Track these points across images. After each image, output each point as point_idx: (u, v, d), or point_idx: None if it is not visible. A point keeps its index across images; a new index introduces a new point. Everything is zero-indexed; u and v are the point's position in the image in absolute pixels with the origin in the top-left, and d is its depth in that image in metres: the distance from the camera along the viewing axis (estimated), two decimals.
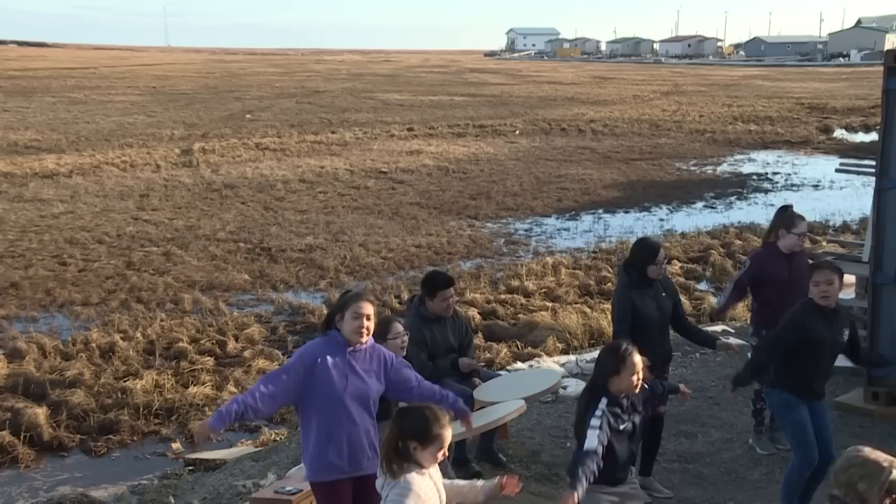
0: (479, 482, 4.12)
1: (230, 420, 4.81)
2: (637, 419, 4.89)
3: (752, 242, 17.84)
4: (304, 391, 4.79)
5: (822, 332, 5.75)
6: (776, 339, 5.96)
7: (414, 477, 3.66)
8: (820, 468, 5.89)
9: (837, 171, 14.64)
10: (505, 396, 6.60)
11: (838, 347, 5.88)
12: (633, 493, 4.93)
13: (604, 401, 4.80)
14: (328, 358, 4.80)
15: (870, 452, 4.46)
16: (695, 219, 21.98)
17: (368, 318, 4.85)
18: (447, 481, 4.07)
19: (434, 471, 3.84)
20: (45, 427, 10.06)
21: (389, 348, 5.69)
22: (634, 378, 4.77)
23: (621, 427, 4.78)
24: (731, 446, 7.51)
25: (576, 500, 4.52)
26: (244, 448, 9.59)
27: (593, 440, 4.70)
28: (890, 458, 4.42)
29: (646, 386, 4.98)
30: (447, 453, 3.86)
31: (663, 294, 6.55)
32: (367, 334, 4.86)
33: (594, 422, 4.74)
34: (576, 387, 9.09)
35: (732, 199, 24.48)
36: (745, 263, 7.55)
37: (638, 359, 4.80)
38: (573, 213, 22.64)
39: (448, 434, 3.78)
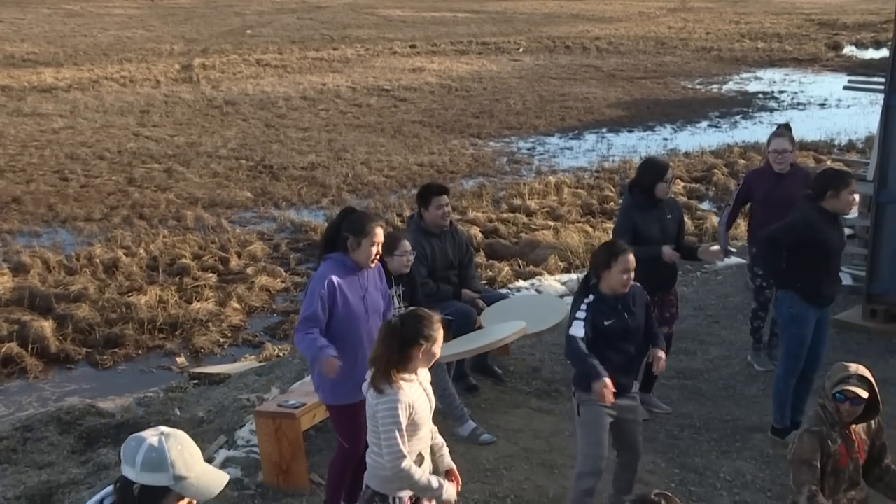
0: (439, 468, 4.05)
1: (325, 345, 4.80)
2: (631, 321, 4.87)
3: (756, 161, 17.75)
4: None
5: (827, 231, 5.77)
6: (784, 229, 5.86)
7: (401, 386, 3.71)
8: (805, 377, 5.99)
9: (845, 88, 14.46)
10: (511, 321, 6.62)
11: (842, 249, 5.95)
12: (631, 407, 4.95)
13: (591, 296, 4.84)
14: (344, 282, 4.82)
15: (849, 364, 4.54)
16: (699, 138, 21.81)
17: (381, 244, 4.91)
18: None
19: (423, 376, 3.89)
20: (52, 340, 10.19)
21: (395, 264, 5.71)
22: (625, 276, 4.76)
23: (606, 323, 4.80)
24: (729, 363, 7.60)
25: (607, 384, 4.59)
26: (248, 363, 9.71)
27: (578, 328, 4.80)
28: (862, 368, 4.48)
29: (638, 285, 4.94)
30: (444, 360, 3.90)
31: (668, 216, 6.51)
32: (378, 258, 4.95)
33: (579, 314, 4.83)
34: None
35: (737, 118, 24.24)
36: (740, 181, 7.73)
37: (631, 259, 4.78)
38: (576, 131, 22.46)
39: (440, 336, 3.81)
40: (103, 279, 12.13)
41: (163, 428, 2.65)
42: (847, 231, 8.52)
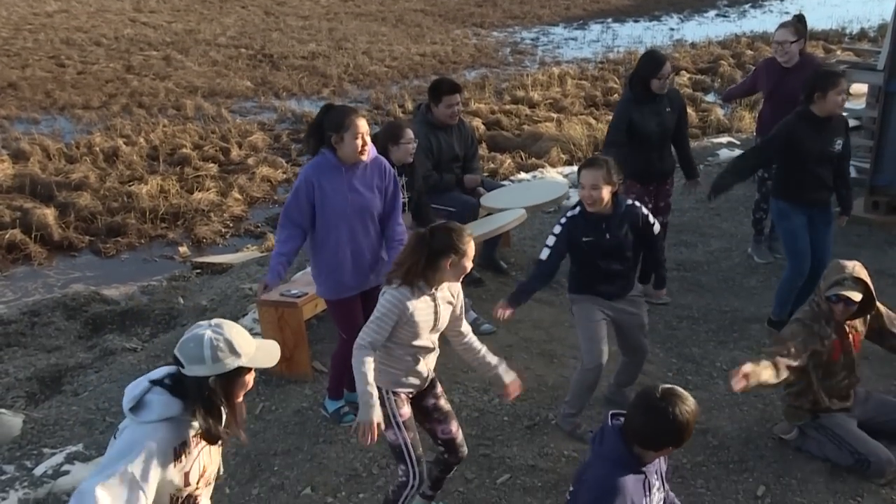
0: (495, 363, 4.07)
1: (283, 273, 4.91)
2: (611, 241, 4.77)
3: (764, 52, 17.46)
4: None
5: (808, 141, 5.70)
6: (763, 145, 6.00)
7: (407, 290, 3.70)
8: (812, 279, 6.01)
9: None
10: (511, 204, 6.64)
11: (827, 156, 5.81)
12: (630, 310, 4.95)
13: (576, 209, 4.82)
14: (326, 181, 4.76)
15: (846, 261, 4.56)
16: (706, 28, 21.42)
17: (367, 135, 4.78)
18: (476, 343, 4.07)
19: (442, 296, 3.85)
20: (55, 227, 10.23)
21: (399, 153, 5.65)
22: (584, 193, 4.70)
23: (583, 239, 4.80)
24: (729, 255, 7.63)
25: (507, 312, 4.76)
26: (250, 253, 9.76)
27: (544, 252, 4.85)
28: (858, 268, 4.49)
29: (637, 207, 4.84)
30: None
31: (667, 109, 6.42)
32: (368, 150, 4.80)
33: (556, 229, 4.86)
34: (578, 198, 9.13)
35: (746, 6, 23.78)
36: (749, 72, 7.61)
37: (589, 176, 4.67)
38: (581, 21, 22.04)
39: (471, 251, 3.78)
40: (104, 168, 12.09)
41: (203, 322, 2.77)
42: (853, 122, 8.42)
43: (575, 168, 10.79)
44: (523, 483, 4.58)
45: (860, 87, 9.73)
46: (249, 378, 2.86)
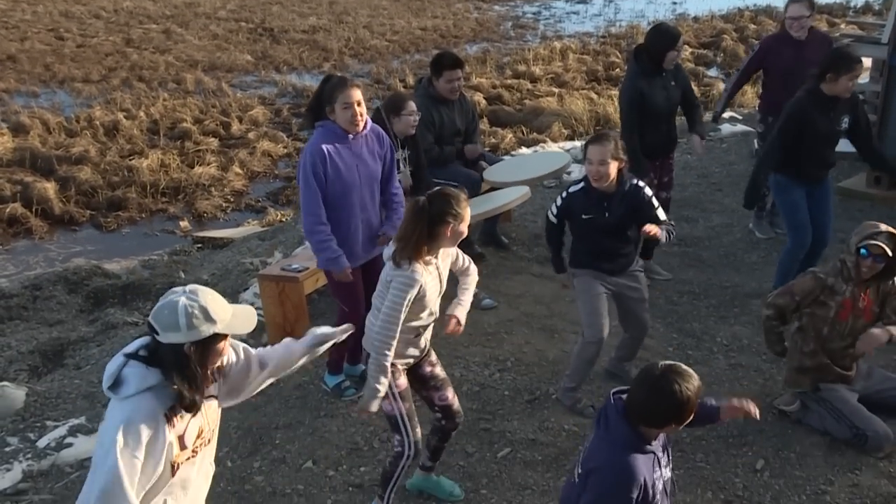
0: (459, 299, 4.06)
1: (339, 255, 4.77)
2: (610, 219, 4.75)
3: (767, 27, 17.37)
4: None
5: (820, 121, 5.68)
6: (782, 134, 5.86)
7: (418, 267, 3.71)
8: (814, 252, 6.01)
9: None
10: (514, 177, 6.63)
11: (834, 136, 5.81)
12: (631, 285, 4.95)
13: (580, 184, 4.81)
14: (333, 150, 4.73)
15: (880, 223, 4.52)
16: (708, 1, 21.29)
17: (360, 105, 4.71)
18: (472, 273, 4.08)
19: (443, 261, 3.87)
20: (55, 201, 10.23)
21: (401, 124, 5.63)
22: (592, 169, 4.69)
23: (583, 216, 4.80)
24: (730, 230, 7.62)
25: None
26: (251, 227, 9.76)
27: (551, 214, 4.94)
28: (890, 228, 4.49)
29: (641, 189, 4.82)
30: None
31: (672, 83, 6.40)
32: (363, 121, 4.76)
33: (558, 200, 4.91)
34: (579, 173, 9.09)
35: None
36: (754, 48, 7.46)
37: (596, 151, 4.65)
38: None
39: (467, 214, 3.79)
40: (104, 142, 12.07)
41: (178, 288, 2.74)
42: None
43: (576, 143, 10.78)
44: (524, 457, 4.61)
45: (864, 62, 9.67)
46: (224, 345, 2.83)
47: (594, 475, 3.05)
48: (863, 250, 4.42)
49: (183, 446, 2.77)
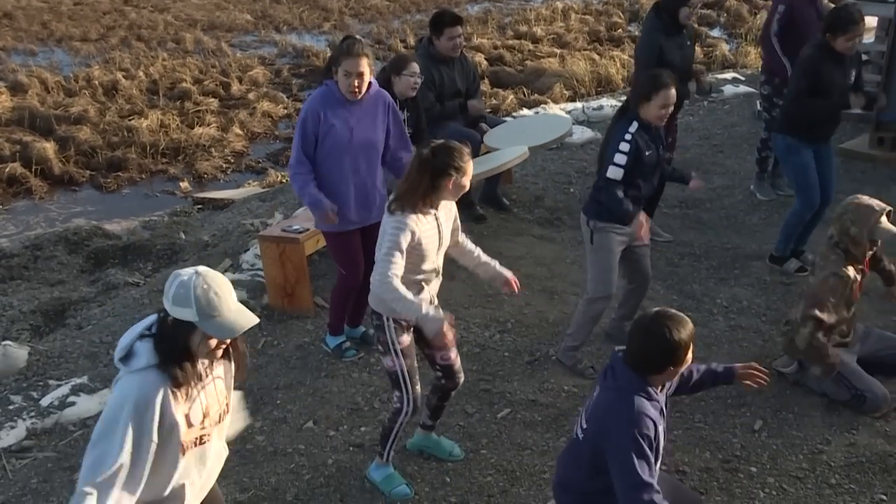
0: (493, 262, 4.11)
1: (317, 196, 4.73)
2: (657, 154, 4.82)
3: None
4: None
5: (835, 76, 5.65)
6: (798, 94, 5.76)
7: (412, 216, 3.70)
8: (819, 211, 6.01)
9: None
10: (515, 142, 6.59)
11: (846, 90, 5.79)
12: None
13: (635, 124, 4.76)
14: (329, 111, 4.71)
15: (866, 199, 4.56)
16: None
17: (360, 76, 4.67)
18: (471, 245, 4.10)
19: (444, 214, 3.86)
20: (55, 161, 10.20)
21: (401, 84, 5.61)
22: (663, 111, 4.69)
23: (647, 153, 4.75)
24: (732, 192, 7.61)
25: (643, 223, 4.77)
26: (251, 188, 9.74)
27: (618, 171, 4.66)
28: (883, 205, 4.52)
29: (661, 129, 4.85)
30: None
31: (688, 42, 6.38)
32: (360, 93, 4.72)
33: (623, 146, 4.68)
34: (581, 134, 9.07)
35: None
36: (778, 11, 7.06)
37: (672, 93, 4.68)
38: None
39: (469, 168, 3.79)
40: (103, 102, 12.00)
41: (199, 268, 2.71)
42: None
43: (578, 104, 10.71)
44: (523, 417, 4.63)
45: (870, 21, 9.57)
46: (214, 341, 2.74)
47: (611, 427, 3.05)
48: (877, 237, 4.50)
49: (190, 424, 2.78)
